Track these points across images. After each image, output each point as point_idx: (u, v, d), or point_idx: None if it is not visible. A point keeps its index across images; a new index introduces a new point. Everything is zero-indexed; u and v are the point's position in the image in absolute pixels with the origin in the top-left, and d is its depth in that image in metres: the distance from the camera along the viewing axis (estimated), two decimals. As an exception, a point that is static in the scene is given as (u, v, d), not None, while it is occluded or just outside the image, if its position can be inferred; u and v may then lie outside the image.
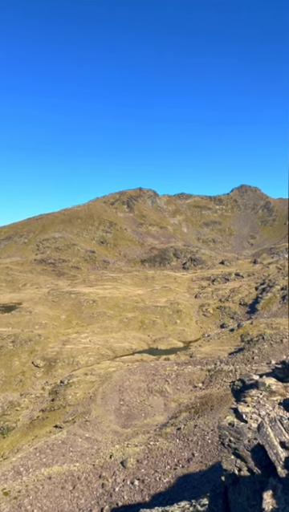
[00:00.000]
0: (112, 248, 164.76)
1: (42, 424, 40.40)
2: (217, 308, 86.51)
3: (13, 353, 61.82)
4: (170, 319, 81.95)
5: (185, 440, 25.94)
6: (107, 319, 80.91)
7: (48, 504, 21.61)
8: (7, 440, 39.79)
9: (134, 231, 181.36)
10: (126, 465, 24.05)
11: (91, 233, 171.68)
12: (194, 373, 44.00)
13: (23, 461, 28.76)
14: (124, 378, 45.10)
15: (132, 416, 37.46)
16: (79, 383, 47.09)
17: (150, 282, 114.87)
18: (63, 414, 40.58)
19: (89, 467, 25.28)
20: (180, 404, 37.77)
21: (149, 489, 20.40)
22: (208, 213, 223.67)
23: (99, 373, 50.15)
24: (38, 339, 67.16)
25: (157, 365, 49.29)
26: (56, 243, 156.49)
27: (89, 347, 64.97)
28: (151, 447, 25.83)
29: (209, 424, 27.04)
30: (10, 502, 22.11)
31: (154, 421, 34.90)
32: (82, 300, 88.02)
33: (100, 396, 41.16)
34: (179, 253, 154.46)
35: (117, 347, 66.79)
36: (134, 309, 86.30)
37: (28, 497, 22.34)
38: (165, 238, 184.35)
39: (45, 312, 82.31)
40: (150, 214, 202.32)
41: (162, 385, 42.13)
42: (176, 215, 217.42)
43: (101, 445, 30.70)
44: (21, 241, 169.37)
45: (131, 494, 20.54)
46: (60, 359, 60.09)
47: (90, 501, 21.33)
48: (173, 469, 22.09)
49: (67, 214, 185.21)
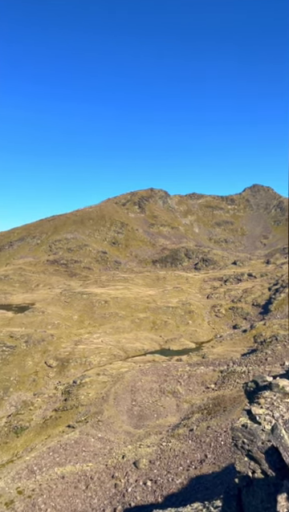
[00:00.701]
0: (124, 249, 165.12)
1: (55, 423, 40.70)
2: (229, 309, 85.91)
3: (26, 353, 62.48)
4: (182, 320, 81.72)
5: (198, 441, 25.82)
6: (118, 320, 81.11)
7: (62, 503, 21.77)
8: (21, 439, 40.22)
9: (145, 232, 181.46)
10: (139, 466, 24.06)
11: (103, 233, 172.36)
12: (207, 374, 43.77)
13: (37, 460, 29.03)
14: (136, 378, 45.14)
15: (144, 416, 37.46)
16: (91, 383, 47.32)
17: (162, 282, 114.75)
18: (76, 414, 40.81)
19: (102, 467, 25.38)
20: (192, 405, 37.62)
21: (162, 490, 20.37)
22: (220, 213, 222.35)
23: (112, 373, 50.30)
24: (51, 339, 67.74)
25: (169, 366, 49.19)
26: (68, 244, 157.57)
27: (101, 348, 65.23)
28: (163, 448, 25.79)
29: (221, 425, 26.87)
30: (24, 501, 22.35)
31: (166, 422, 34.84)
32: (94, 301, 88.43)
33: (113, 397, 41.28)
34: (191, 253, 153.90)
35: (129, 348, 66.90)
36: (146, 309, 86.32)
37: (42, 496, 22.55)
38: (177, 239, 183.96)
39: (57, 312, 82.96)
40: (161, 215, 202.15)
41: (174, 386, 42.02)
42: (187, 215, 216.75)
43: (114, 446, 30.79)
44: (34, 242, 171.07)
45: (144, 495, 20.54)
46: (73, 359, 60.49)
47: (103, 501, 21.41)
48: (186, 470, 22.01)
49: (78, 215, 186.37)
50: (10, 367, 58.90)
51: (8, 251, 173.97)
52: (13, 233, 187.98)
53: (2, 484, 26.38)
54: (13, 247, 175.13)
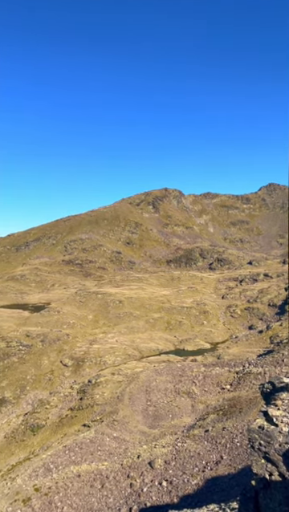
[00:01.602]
0: (138, 249, 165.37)
1: (70, 422, 41.06)
2: (245, 309, 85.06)
3: (42, 352, 63.23)
4: (197, 320, 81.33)
5: (214, 442, 25.65)
6: (133, 320, 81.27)
7: (78, 501, 21.96)
8: (37, 437, 40.73)
9: (159, 231, 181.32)
10: (154, 466, 24.06)
11: (117, 234, 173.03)
12: (222, 375, 43.44)
13: (53, 458, 29.34)
14: (150, 378, 45.15)
15: (159, 416, 37.43)
16: (106, 382, 47.56)
17: (176, 282, 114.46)
18: (91, 413, 41.08)
19: (117, 466, 25.47)
20: (207, 405, 37.40)
21: (177, 491, 20.32)
22: (235, 212, 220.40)
23: (126, 373, 50.43)
24: (67, 339, 68.38)
25: (184, 366, 49.01)
26: (83, 244, 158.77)
27: (116, 347, 65.49)
28: (179, 448, 25.73)
29: (237, 426, 26.63)
30: (41, 498, 22.63)
31: (181, 422, 34.74)
32: (108, 300, 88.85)
33: (127, 396, 41.39)
34: (205, 253, 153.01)
35: (143, 348, 66.96)
36: (160, 309, 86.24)
37: (58, 494, 22.79)
38: (191, 238, 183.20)
39: (73, 312, 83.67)
40: (176, 214, 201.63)
41: (189, 386, 41.85)
42: (202, 215, 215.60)
43: (129, 445, 30.87)
44: (49, 243, 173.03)
45: (159, 495, 20.53)
46: (88, 358, 60.91)
47: (118, 501, 21.50)
48: (202, 471, 21.90)
49: (93, 216, 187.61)
50: (26, 366, 59.72)
51: (24, 251, 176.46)
52: (29, 234, 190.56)
53: (19, 481, 26.77)
54: (29, 247, 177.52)
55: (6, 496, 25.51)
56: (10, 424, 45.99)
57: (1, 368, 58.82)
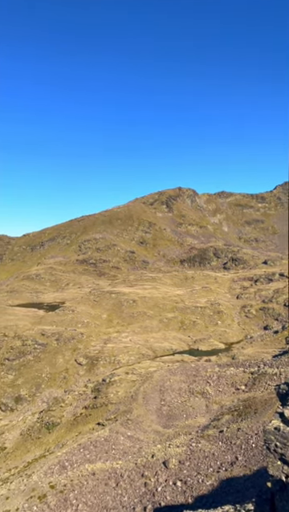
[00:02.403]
0: (152, 248, 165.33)
1: (85, 420, 41.37)
2: (260, 309, 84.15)
3: (57, 351, 63.89)
4: (211, 320, 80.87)
5: (228, 443, 25.48)
6: (147, 319, 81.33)
7: (92, 499, 22.13)
8: (52, 435, 41.18)
9: (173, 231, 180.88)
10: (168, 466, 24.05)
11: (131, 233, 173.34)
12: (237, 375, 43.09)
13: (68, 456, 29.63)
14: (164, 378, 45.11)
15: (173, 416, 37.38)
16: (120, 381, 47.73)
17: (190, 282, 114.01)
18: (106, 412, 41.31)
19: (131, 465, 25.56)
20: (222, 406, 37.16)
21: (192, 491, 20.27)
22: (250, 211, 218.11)
23: (140, 372, 50.51)
24: (81, 338, 68.91)
25: (198, 366, 48.79)
26: (97, 244, 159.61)
27: (130, 347, 65.66)
28: (193, 448, 25.65)
29: (252, 427, 26.39)
30: (57, 496, 22.88)
31: (196, 423, 34.60)
32: (122, 300, 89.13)
33: (141, 396, 41.45)
34: (219, 252, 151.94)
35: (157, 347, 66.94)
36: (174, 309, 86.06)
37: (73, 492, 23.01)
38: (205, 238, 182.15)
39: (87, 311, 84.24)
40: (189, 214, 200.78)
41: (203, 386, 41.65)
42: (216, 214, 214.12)
43: (143, 444, 30.92)
44: (64, 243, 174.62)
45: (173, 495, 20.52)
46: (102, 357, 61.25)
47: (133, 499, 21.57)
48: (216, 471, 21.79)
49: (107, 215, 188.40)
50: (41, 364, 60.46)
51: (39, 251, 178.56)
52: (44, 234, 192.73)
53: (35, 478, 27.13)
54: (44, 247, 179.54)
55: (22, 492, 25.89)
56: (25, 422, 46.64)
57: (17, 366, 59.70)
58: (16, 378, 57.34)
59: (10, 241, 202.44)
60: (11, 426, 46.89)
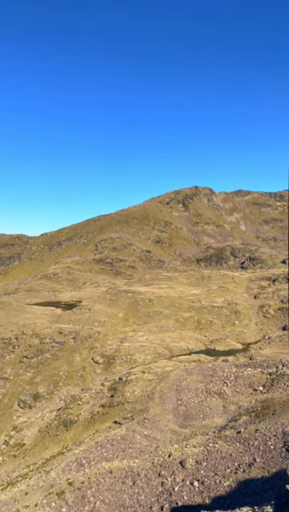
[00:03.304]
0: (168, 247, 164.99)
1: (102, 419, 41.66)
2: (278, 309, 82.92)
3: (74, 349, 64.53)
4: (228, 320, 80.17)
5: (246, 444, 25.20)
6: (163, 319, 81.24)
7: (110, 497, 22.27)
8: (70, 432, 41.64)
9: (189, 230, 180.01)
10: (185, 466, 23.97)
11: (147, 232, 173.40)
12: (254, 376, 42.59)
13: (85, 453, 29.89)
14: (181, 378, 44.98)
15: (189, 416, 37.23)
16: (136, 380, 47.85)
17: (206, 281, 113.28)
18: (122, 411, 41.49)
19: (148, 464, 25.59)
20: (239, 406, 36.79)
21: (209, 492, 20.14)
22: (268, 210, 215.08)
23: (157, 372, 50.52)
24: (98, 336, 69.39)
25: (215, 366, 48.46)
26: (113, 243, 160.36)
27: (146, 346, 65.73)
28: (210, 449, 25.48)
29: (271, 429, 26.03)
30: (74, 492, 23.12)
31: (213, 423, 34.38)
32: (138, 299, 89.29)
33: (158, 395, 41.45)
34: (237, 252, 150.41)
35: (174, 347, 66.79)
36: (190, 309, 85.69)
37: (91, 489, 23.21)
38: (222, 237, 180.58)
39: (103, 310, 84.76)
40: (206, 213, 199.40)
41: (220, 387, 41.34)
42: (233, 213, 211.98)
43: (160, 444, 30.91)
44: (80, 242, 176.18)
45: (191, 495, 20.44)
46: (118, 356, 61.52)
47: (150, 498, 21.59)
48: (234, 473, 21.59)
49: (123, 215, 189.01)
50: (59, 362, 61.17)
51: (57, 250, 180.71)
52: (61, 233, 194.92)
53: (53, 474, 27.50)
54: (61, 246, 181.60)
55: (40, 488, 26.28)
56: (43, 419, 47.31)
57: (35, 364, 60.59)
58: (34, 376, 58.21)
59: (29, 241, 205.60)
60: (30, 423, 47.65)
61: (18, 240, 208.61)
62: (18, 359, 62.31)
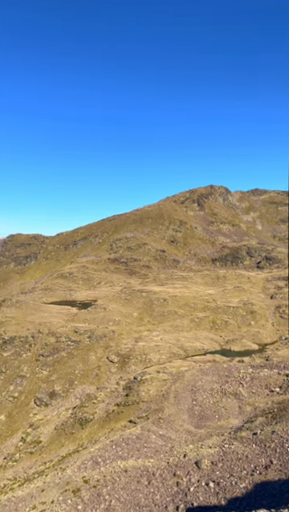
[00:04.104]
0: (182, 247, 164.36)
1: (117, 418, 41.82)
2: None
3: (89, 348, 64.97)
4: (244, 320, 79.36)
5: (262, 446, 24.92)
6: (177, 318, 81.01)
7: (125, 496, 22.35)
8: (85, 430, 41.94)
9: (204, 229, 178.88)
10: (200, 466, 23.86)
11: (162, 232, 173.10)
12: (271, 377, 42.06)
13: (101, 452, 30.07)
14: (196, 378, 44.78)
15: (205, 416, 37.03)
16: (151, 380, 47.86)
17: (222, 281, 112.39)
18: (137, 410, 41.56)
19: (163, 464, 25.58)
20: (255, 408, 36.40)
21: (225, 493, 20.00)
22: (285, 208, 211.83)
23: (171, 372, 50.42)
24: (112, 336, 69.67)
25: (231, 367, 48.06)
26: (128, 243, 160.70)
27: (161, 346, 65.66)
28: (226, 450, 25.30)
29: (288, 431, 25.66)
30: (90, 490, 23.29)
31: (228, 424, 34.11)
32: (153, 298, 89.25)
33: (173, 395, 41.37)
34: (253, 251, 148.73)
35: (188, 347, 66.52)
36: (205, 309, 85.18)
37: (106, 488, 23.34)
38: (238, 236, 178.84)
39: (118, 309, 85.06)
40: (221, 212, 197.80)
41: (236, 387, 40.97)
42: (249, 212, 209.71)
43: (175, 444, 30.85)
44: (96, 242, 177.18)
45: (206, 496, 20.33)
46: (133, 355, 61.64)
47: (165, 498, 21.58)
48: (250, 474, 21.37)
49: (138, 215, 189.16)
50: (74, 360, 61.70)
51: (72, 250, 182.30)
52: (77, 233, 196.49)
53: (69, 472, 27.77)
54: (77, 246, 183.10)
55: (57, 485, 26.57)
56: (59, 417, 47.80)
57: (51, 362, 61.28)
58: (50, 374, 58.87)
59: (45, 241, 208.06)
60: (46, 421, 48.22)
61: (34, 240, 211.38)
62: (35, 357, 63.13)
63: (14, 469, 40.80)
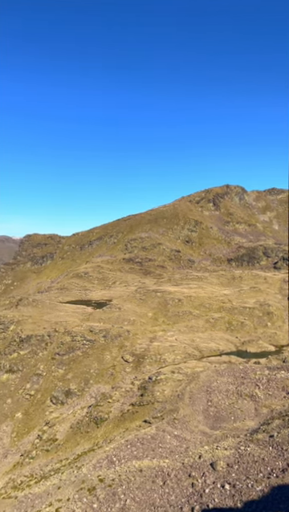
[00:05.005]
0: (197, 247, 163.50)
1: (132, 417, 41.92)
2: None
3: (104, 347, 65.32)
4: (260, 321, 78.43)
5: (279, 448, 24.57)
6: (192, 319, 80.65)
7: (140, 496, 22.37)
8: (101, 429, 42.18)
9: (220, 229, 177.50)
10: (216, 468, 23.69)
11: (177, 232, 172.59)
12: (288, 379, 41.43)
13: (116, 451, 30.19)
14: (211, 379, 44.48)
15: (220, 418, 36.76)
16: (166, 380, 47.79)
17: (237, 282, 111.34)
18: (152, 410, 41.56)
19: (178, 465, 25.50)
20: (272, 410, 35.93)
21: (241, 496, 19.80)
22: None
23: (186, 372, 50.23)
24: (127, 335, 69.86)
25: (246, 368, 47.55)
26: (143, 243, 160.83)
27: (175, 346, 65.50)
28: (242, 452, 25.05)
29: (305, 435, 25.23)
30: (105, 489, 23.41)
31: (244, 426, 33.77)
32: (168, 299, 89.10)
33: (188, 396, 41.20)
34: (269, 251, 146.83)
35: (204, 347, 66.16)
36: (220, 309, 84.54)
37: (121, 487, 23.41)
38: (254, 236, 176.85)
39: (133, 309, 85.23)
40: (237, 212, 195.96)
41: (252, 389, 40.52)
42: (266, 212, 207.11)
43: (190, 444, 30.72)
44: (111, 242, 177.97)
45: (222, 498, 20.17)
46: (148, 355, 61.68)
47: (180, 499, 21.51)
48: (266, 477, 21.09)
49: (153, 214, 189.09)
50: (89, 360, 62.14)
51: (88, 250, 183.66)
52: (92, 233, 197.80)
53: (84, 470, 27.98)
54: (92, 246, 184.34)
55: (72, 483, 26.82)
56: (75, 416, 48.22)
57: (66, 361, 61.89)
58: (66, 372, 59.45)
59: (61, 241, 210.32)
60: (62, 419, 48.73)
61: (50, 240, 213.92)
62: (51, 355, 63.86)
63: (30, 466, 41.39)
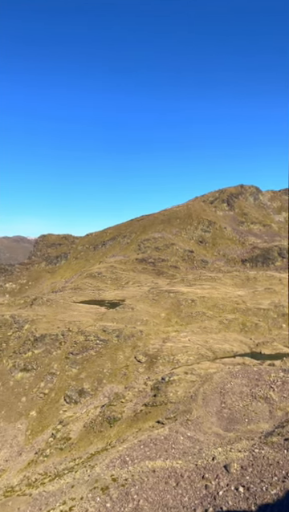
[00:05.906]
0: (211, 247, 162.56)
1: (145, 418, 41.93)
2: None
3: (117, 347, 65.52)
4: (275, 323, 77.49)
5: (294, 452, 24.20)
6: (206, 320, 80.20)
7: (153, 496, 22.35)
8: (114, 429, 42.33)
9: (234, 230, 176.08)
10: (229, 470, 23.48)
11: (190, 232, 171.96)
12: (303, 382, 40.82)
13: (129, 451, 30.24)
14: (225, 380, 44.14)
15: (234, 420, 36.45)
16: (179, 381, 47.64)
17: (252, 282, 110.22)
18: (165, 411, 41.49)
19: (192, 466, 25.38)
20: (287, 413, 35.45)
21: (255, 499, 19.57)
22: None
23: (200, 373, 49.97)
24: (140, 336, 69.92)
25: (261, 370, 47.02)
26: (156, 243, 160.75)
27: (188, 347, 65.25)
28: (256, 454, 24.77)
29: None
30: (118, 489, 23.47)
31: (258, 428, 33.40)
32: (181, 299, 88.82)
33: (201, 397, 40.98)
34: (285, 252, 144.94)
35: (217, 349, 65.73)
36: (234, 310, 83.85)
37: (134, 487, 23.43)
38: (269, 237, 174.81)
39: (146, 309, 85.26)
40: (252, 212, 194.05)
41: (267, 391, 40.05)
42: (281, 212, 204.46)
43: (203, 446, 30.55)
44: (124, 242, 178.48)
45: (236, 501, 19.98)
46: (161, 356, 61.61)
47: (193, 501, 21.40)
48: (282, 481, 20.79)
49: (166, 215, 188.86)
50: (103, 359, 62.43)
51: (101, 250, 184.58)
52: (105, 233, 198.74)
53: (98, 470, 28.12)
54: (105, 246, 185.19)
55: (86, 482, 26.98)
56: (88, 415, 48.51)
57: (80, 361, 62.31)
58: (79, 372, 59.86)
59: (75, 241, 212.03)
60: (75, 418, 49.08)
61: (64, 240, 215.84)
62: (65, 355, 64.38)
63: (44, 464, 41.82)
